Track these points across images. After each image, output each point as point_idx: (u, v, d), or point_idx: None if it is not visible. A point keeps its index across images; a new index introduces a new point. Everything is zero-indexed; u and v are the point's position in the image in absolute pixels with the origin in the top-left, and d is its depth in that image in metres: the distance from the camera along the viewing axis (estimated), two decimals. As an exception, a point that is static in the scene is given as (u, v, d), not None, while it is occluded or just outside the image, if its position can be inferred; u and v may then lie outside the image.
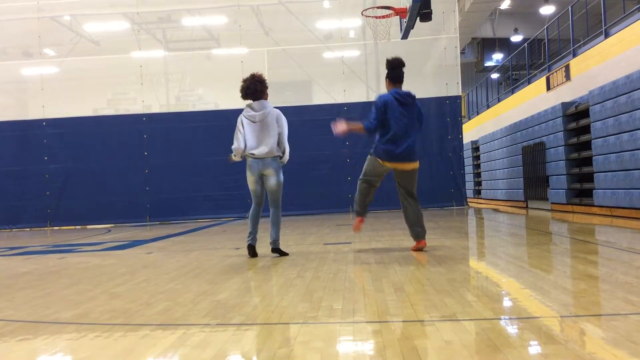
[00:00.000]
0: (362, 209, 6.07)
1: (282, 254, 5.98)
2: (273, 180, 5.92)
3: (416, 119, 5.82)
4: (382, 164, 5.72)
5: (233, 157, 5.98)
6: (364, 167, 5.96)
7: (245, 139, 5.80)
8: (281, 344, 2.68)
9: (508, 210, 13.53)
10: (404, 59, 5.94)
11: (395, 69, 5.80)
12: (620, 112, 9.40)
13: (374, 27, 10.12)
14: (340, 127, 5.71)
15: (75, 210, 14.63)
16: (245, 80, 5.94)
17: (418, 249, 5.79)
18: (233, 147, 5.85)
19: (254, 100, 5.89)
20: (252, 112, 5.86)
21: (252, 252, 5.93)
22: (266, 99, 5.96)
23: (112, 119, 15.15)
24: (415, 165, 5.75)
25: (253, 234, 5.94)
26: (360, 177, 5.99)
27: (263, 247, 6.16)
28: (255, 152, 5.83)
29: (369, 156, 5.90)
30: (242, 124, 5.84)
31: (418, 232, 5.81)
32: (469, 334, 2.70)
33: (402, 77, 5.83)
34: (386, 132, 5.65)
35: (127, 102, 15.71)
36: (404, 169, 5.72)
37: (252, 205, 6.00)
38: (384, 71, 6.00)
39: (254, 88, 5.88)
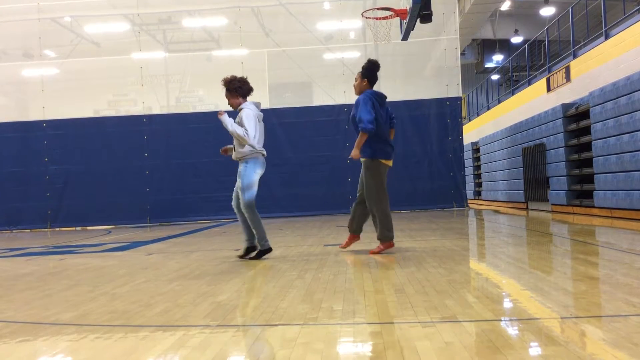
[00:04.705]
0: (392, 229, 5.85)
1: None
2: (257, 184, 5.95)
3: (388, 119, 5.91)
4: (386, 164, 5.78)
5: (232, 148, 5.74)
6: (372, 182, 5.71)
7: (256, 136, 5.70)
8: (281, 345, 2.68)
9: (508, 212, 13.53)
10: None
11: (376, 72, 5.90)
12: (620, 114, 9.41)
13: (374, 28, 10.11)
14: (354, 155, 5.66)
15: (76, 211, 14.63)
16: (245, 79, 5.84)
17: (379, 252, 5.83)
18: (245, 134, 5.54)
19: (245, 99, 5.86)
20: (259, 112, 5.81)
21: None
22: None
23: (112, 120, 15.15)
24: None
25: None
26: (375, 197, 5.70)
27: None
28: (264, 152, 5.82)
29: (369, 165, 5.72)
30: (256, 119, 5.71)
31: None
32: (470, 335, 2.70)
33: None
34: (378, 129, 5.66)
35: (128, 103, 15.72)
36: (390, 165, 5.88)
37: (255, 208, 5.77)
38: (384, 73, 6.01)
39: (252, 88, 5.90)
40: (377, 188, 5.74)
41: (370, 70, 5.86)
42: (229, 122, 5.63)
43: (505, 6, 22.37)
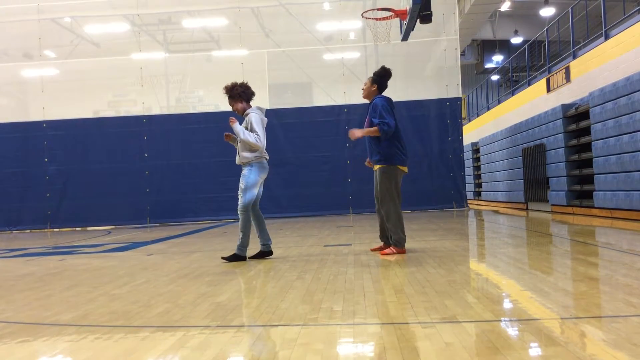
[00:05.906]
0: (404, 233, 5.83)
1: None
2: (262, 186, 6.00)
3: None
4: (402, 170, 5.77)
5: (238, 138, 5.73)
6: (389, 186, 5.65)
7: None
8: (281, 345, 2.68)
9: (508, 212, 13.53)
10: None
11: (387, 80, 5.91)
12: (620, 114, 9.41)
13: (374, 29, 10.12)
14: (355, 134, 5.67)
15: (76, 211, 14.63)
16: (246, 84, 5.88)
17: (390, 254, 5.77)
18: (257, 140, 5.62)
19: (249, 103, 5.90)
20: (264, 118, 5.86)
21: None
22: None
23: (112, 120, 15.16)
24: None
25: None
26: (391, 202, 5.64)
27: (255, 249, 6.16)
28: (267, 156, 5.85)
29: (385, 170, 5.67)
30: (263, 124, 5.78)
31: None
32: (469, 336, 2.70)
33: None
34: (395, 134, 5.68)
35: (128, 103, 15.71)
36: (406, 172, 5.84)
37: (249, 213, 5.72)
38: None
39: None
40: (394, 193, 5.68)
41: (382, 77, 5.86)
42: (240, 131, 5.67)
43: (505, 6, 22.35)
